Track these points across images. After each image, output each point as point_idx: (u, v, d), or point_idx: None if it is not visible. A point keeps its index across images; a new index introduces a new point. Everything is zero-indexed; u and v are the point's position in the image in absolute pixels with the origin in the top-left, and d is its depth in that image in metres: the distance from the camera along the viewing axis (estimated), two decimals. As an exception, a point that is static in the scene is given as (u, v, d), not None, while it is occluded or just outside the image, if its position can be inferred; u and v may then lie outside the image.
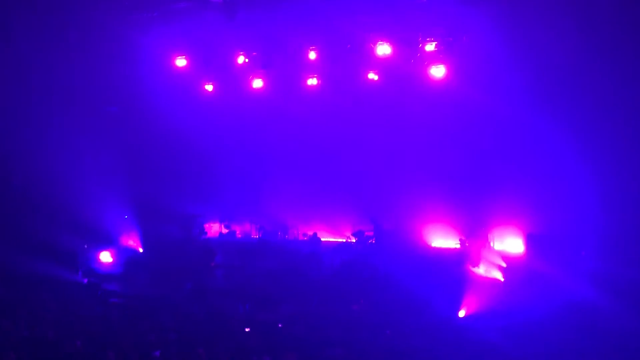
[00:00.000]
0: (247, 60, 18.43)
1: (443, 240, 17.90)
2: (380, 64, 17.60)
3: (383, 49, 17.09)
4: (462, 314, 13.19)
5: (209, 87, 19.20)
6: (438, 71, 16.86)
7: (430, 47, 16.82)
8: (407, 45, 17.16)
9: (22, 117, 17.59)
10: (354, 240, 18.14)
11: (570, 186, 15.50)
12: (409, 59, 17.33)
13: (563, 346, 11.45)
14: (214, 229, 20.01)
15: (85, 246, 17.39)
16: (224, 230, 19.95)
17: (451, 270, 15.30)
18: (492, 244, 17.13)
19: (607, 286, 13.39)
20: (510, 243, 17.15)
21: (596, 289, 13.39)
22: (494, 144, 16.69)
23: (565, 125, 15.54)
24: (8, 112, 17.49)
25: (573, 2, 14.78)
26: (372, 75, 17.74)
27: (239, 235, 19.83)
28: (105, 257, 17.58)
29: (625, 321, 12.09)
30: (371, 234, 17.84)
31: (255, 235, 19.45)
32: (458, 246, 17.41)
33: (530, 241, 16.25)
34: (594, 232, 15.01)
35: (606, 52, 14.64)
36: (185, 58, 18.76)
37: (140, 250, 18.64)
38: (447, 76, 16.89)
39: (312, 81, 18.33)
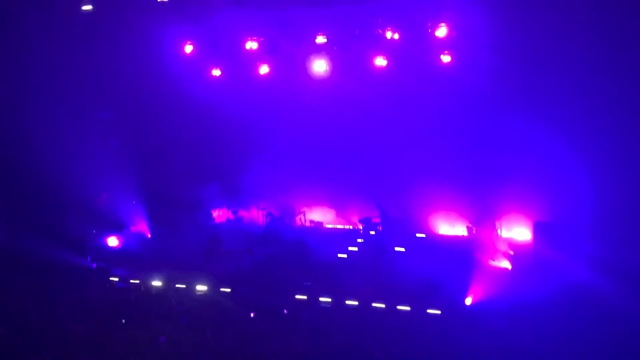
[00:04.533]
0: (255, 45, 18.38)
1: (450, 227, 17.88)
2: (389, 49, 17.47)
3: (391, 34, 16.97)
4: (469, 301, 13.17)
5: (217, 73, 19.17)
6: (447, 57, 16.74)
7: (440, 32, 16.67)
8: (416, 30, 17.02)
9: (30, 104, 17.63)
10: (361, 227, 18.13)
11: (578, 174, 15.45)
12: (418, 44, 17.19)
13: (570, 333, 11.44)
14: (221, 215, 20.04)
15: (94, 231, 17.48)
16: (231, 216, 19.98)
17: (458, 258, 15.26)
18: (499, 232, 17.10)
19: (614, 273, 13.35)
20: (518, 231, 17.12)
21: (603, 276, 13.35)
22: (503, 131, 16.57)
23: (573, 115, 15.52)
24: (16, 99, 17.54)
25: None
26: (380, 61, 17.63)
27: (246, 222, 19.85)
28: (114, 242, 17.68)
29: (631, 306, 12.07)
30: (378, 221, 17.81)
31: (262, 222, 19.47)
32: (465, 234, 17.39)
33: (538, 229, 16.19)
34: (601, 220, 14.97)
35: (615, 49, 14.61)
36: (193, 44, 18.74)
37: (149, 235, 18.72)
38: (456, 63, 16.77)
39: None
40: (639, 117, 14.95)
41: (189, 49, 18.80)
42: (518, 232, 17.16)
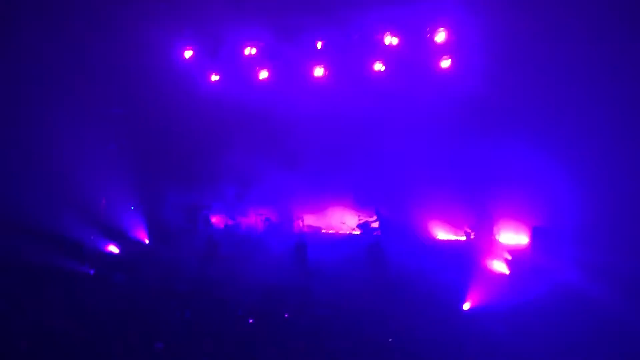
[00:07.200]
0: (254, 50, 18.43)
1: (449, 232, 17.90)
2: (388, 54, 17.52)
3: (390, 39, 17.00)
4: (466, 306, 13.20)
5: (215, 78, 19.21)
6: (446, 63, 16.78)
7: (438, 37, 16.72)
8: (415, 35, 17.06)
9: (27, 108, 17.65)
10: (358, 232, 18.15)
11: (576, 180, 15.50)
12: (417, 50, 17.23)
13: (568, 337, 11.49)
14: (219, 220, 20.04)
15: (92, 237, 17.49)
16: (229, 222, 19.99)
17: (456, 263, 15.29)
18: (497, 236, 17.12)
19: (611, 277, 13.41)
20: (516, 235, 17.14)
21: (600, 281, 13.40)
22: (502, 137, 16.61)
23: (571, 122, 15.62)
24: (13, 103, 17.56)
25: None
26: (379, 66, 17.68)
27: (244, 227, 19.85)
28: (112, 248, 17.67)
29: (629, 310, 12.12)
30: (376, 225, 17.83)
31: (260, 227, 19.48)
32: (463, 238, 17.41)
33: (536, 234, 16.24)
34: (598, 225, 15.03)
35: (608, 57, 14.74)
36: (192, 49, 18.78)
37: (147, 241, 18.71)
38: (455, 68, 16.81)
39: (319, 72, 18.30)
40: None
41: (188, 53, 18.86)
42: (516, 236, 17.18)
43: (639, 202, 14.91)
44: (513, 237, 17.10)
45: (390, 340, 12.02)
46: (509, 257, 15.76)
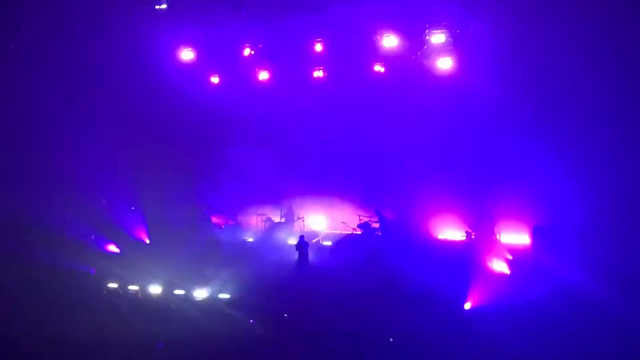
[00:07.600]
0: (253, 52, 18.47)
1: (449, 232, 17.90)
2: (387, 56, 17.54)
3: (389, 41, 17.03)
4: (468, 306, 13.17)
5: (215, 79, 19.26)
6: (445, 63, 16.79)
7: (436, 39, 16.73)
8: (413, 37, 17.08)
9: (30, 111, 17.71)
10: (359, 232, 18.15)
11: (576, 180, 15.51)
12: (416, 51, 17.26)
13: (569, 336, 11.46)
14: (221, 220, 20.06)
15: (93, 237, 17.50)
16: (231, 222, 20.00)
17: (458, 263, 15.28)
18: (498, 236, 17.12)
19: (611, 277, 13.40)
20: (517, 235, 17.14)
21: (601, 280, 13.38)
22: (501, 136, 16.63)
23: (571, 124, 15.68)
24: (17, 105, 17.61)
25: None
26: (378, 68, 17.70)
27: (245, 227, 19.87)
28: (113, 248, 17.69)
29: (630, 309, 12.09)
30: (377, 225, 17.83)
31: (261, 227, 19.49)
32: (464, 238, 17.41)
33: (536, 234, 16.24)
34: (599, 225, 15.04)
35: (608, 57, 14.74)
36: (192, 50, 18.84)
37: (147, 241, 18.72)
38: (454, 69, 16.81)
39: (318, 73, 18.32)
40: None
41: (189, 55, 18.90)
42: (517, 236, 17.17)
43: (639, 202, 14.93)
44: (514, 236, 17.11)
45: (390, 339, 11.96)
46: (510, 257, 15.76)
